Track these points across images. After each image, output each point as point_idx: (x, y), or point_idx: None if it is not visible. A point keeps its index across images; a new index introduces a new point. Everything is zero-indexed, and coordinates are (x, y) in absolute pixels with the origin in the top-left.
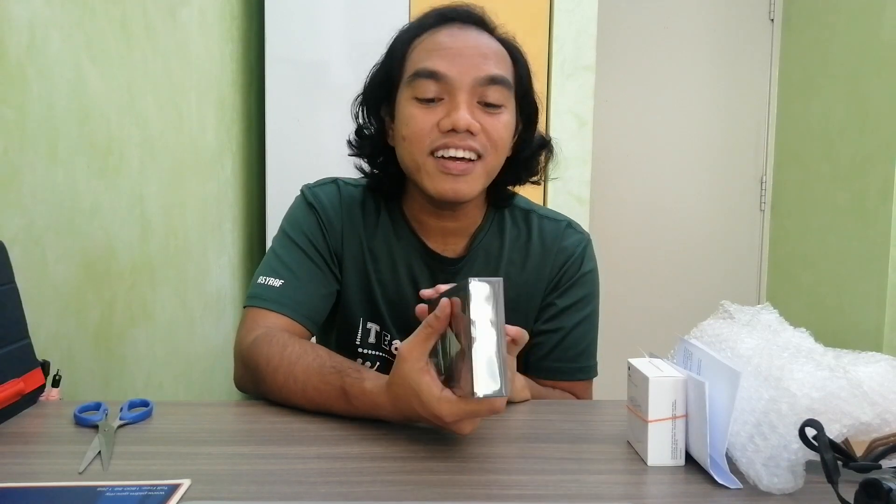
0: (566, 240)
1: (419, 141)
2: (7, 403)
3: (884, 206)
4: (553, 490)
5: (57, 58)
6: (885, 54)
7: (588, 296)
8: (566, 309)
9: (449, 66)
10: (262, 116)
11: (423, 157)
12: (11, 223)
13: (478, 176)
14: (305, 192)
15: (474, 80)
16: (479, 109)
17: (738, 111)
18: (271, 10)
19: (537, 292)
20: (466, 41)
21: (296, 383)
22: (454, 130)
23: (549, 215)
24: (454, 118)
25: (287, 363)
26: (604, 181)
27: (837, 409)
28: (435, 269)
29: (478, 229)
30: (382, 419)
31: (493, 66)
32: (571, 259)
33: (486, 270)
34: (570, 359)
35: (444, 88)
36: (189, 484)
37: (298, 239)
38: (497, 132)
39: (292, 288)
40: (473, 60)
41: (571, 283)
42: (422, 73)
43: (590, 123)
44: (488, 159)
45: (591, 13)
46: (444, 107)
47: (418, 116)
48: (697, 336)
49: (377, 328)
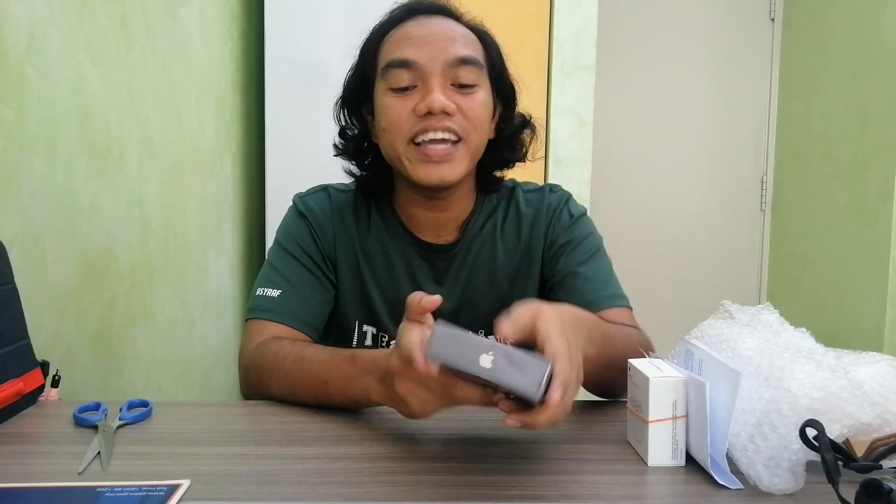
0: (549, 198)
1: (398, 129)
2: (6, 403)
3: (884, 206)
4: (553, 490)
5: (56, 58)
6: (885, 54)
7: (588, 236)
8: (570, 250)
9: (418, 53)
10: (261, 116)
11: (403, 145)
12: (11, 223)
13: (460, 158)
14: (297, 202)
15: (444, 62)
16: (454, 91)
17: (738, 111)
18: (271, 10)
19: (536, 254)
20: (432, 28)
21: (303, 363)
22: (430, 113)
23: (530, 187)
24: (428, 101)
25: (296, 350)
26: (604, 181)
27: (838, 409)
28: (431, 259)
29: (469, 215)
30: (371, 397)
31: (461, 48)
32: (558, 211)
33: (483, 252)
34: (596, 289)
35: (416, 75)
36: (189, 484)
37: (292, 249)
38: (473, 111)
39: (290, 297)
40: (441, 44)
41: (565, 228)
42: (393, 63)
43: (590, 123)
44: (469, 139)
45: (591, 13)
46: (418, 93)
47: (394, 105)
48: (698, 336)
49: (373, 331)
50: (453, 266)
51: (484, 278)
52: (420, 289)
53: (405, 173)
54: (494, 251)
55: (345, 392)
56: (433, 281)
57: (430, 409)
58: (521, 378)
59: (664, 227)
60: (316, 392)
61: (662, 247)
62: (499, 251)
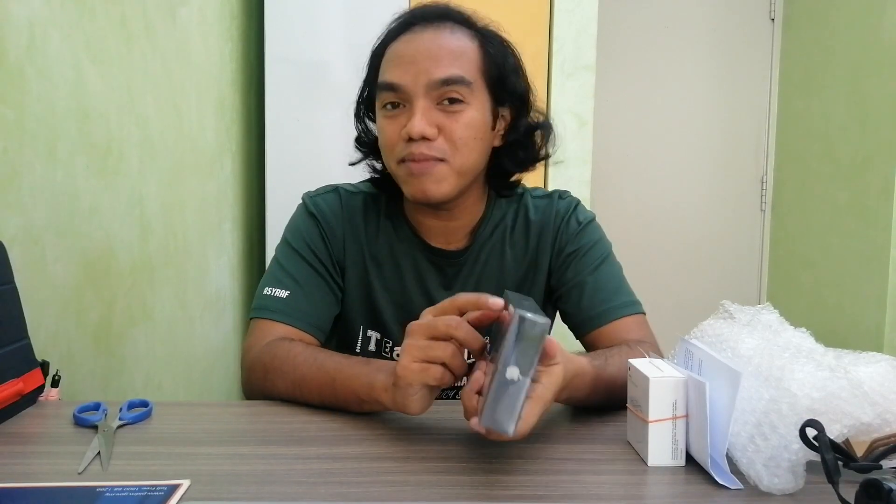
0: (558, 205)
1: (390, 150)
2: (6, 403)
3: (884, 206)
4: (553, 490)
5: (56, 58)
6: (885, 54)
7: (596, 242)
8: (579, 258)
9: (402, 76)
10: (261, 116)
11: (394, 165)
12: (11, 223)
13: (444, 176)
14: (307, 201)
15: (426, 85)
16: (439, 111)
17: (738, 111)
18: (271, 10)
19: (544, 262)
20: (419, 46)
21: (315, 360)
22: (412, 139)
23: (539, 193)
24: (408, 127)
25: (310, 350)
26: (604, 181)
27: (838, 409)
28: (440, 264)
29: (479, 221)
30: (375, 390)
31: (445, 68)
32: (566, 218)
33: (492, 259)
34: (605, 299)
35: (402, 97)
36: (188, 484)
37: (301, 249)
38: (456, 132)
39: (299, 298)
40: (424, 66)
41: (573, 236)
42: (382, 86)
43: (590, 123)
44: (452, 160)
45: (591, 13)
46: (405, 115)
47: (386, 128)
48: (698, 336)
49: (377, 336)
50: (462, 272)
51: (492, 285)
52: (428, 294)
53: (402, 190)
54: (503, 258)
55: (350, 388)
56: (441, 286)
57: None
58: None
59: (664, 228)
60: (321, 389)
61: (662, 247)
62: (507, 258)
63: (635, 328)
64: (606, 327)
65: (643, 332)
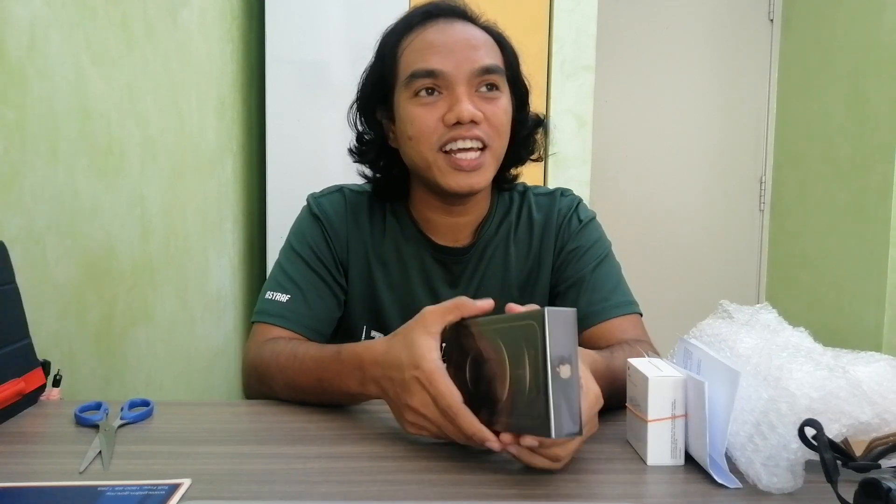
0: (560, 203)
1: (427, 138)
2: (7, 403)
3: (883, 206)
4: (553, 490)
5: (57, 58)
6: (885, 54)
7: (596, 241)
8: (579, 256)
9: (444, 62)
10: (262, 116)
11: (432, 153)
12: (12, 223)
13: (488, 166)
14: (311, 203)
15: (470, 72)
16: (478, 98)
17: (737, 111)
18: (271, 10)
19: (546, 260)
20: (455, 35)
21: (296, 360)
22: (459, 123)
23: (542, 191)
24: (458, 111)
25: (290, 348)
26: (604, 181)
27: (837, 408)
28: (446, 262)
29: (484, 218)
30: (355, 390)
31: (485, 57)
32: (568, 215)
33: (497, 255)
34: (602, 298)
35: (442, 84)
36: (189, 483)
37: (304, 252)
38: (498, 118)
39: (299, 302)
40: (466, 53)
41: (574, 234)
42: (419, 73)
43: (590, 123)
44: (494, 146)
45: (591, 13)
46: (444, 101)
47: (422, 115)
48: (697, 336)
49: (381, 336)
50: (468, 269)
51: (496, 282)
52: (434, 292)
53: (434, 181)
54: (507, 255)
55: (338, 387)
56: (448, 284)
57: (426, 415)
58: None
59: (663, 227)
60: (314, 388)
61: (661, 247)
62: (511, 255)
63: (630, 328)
64: (601, 325)
65: (638, 333)
